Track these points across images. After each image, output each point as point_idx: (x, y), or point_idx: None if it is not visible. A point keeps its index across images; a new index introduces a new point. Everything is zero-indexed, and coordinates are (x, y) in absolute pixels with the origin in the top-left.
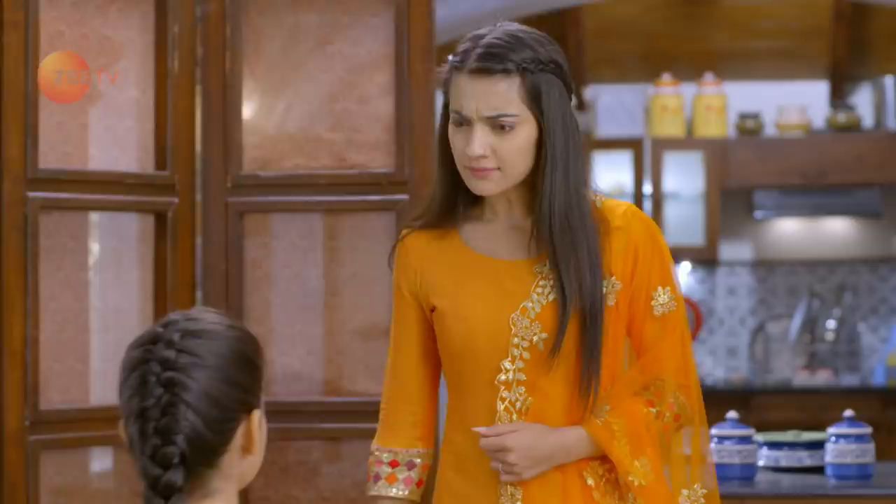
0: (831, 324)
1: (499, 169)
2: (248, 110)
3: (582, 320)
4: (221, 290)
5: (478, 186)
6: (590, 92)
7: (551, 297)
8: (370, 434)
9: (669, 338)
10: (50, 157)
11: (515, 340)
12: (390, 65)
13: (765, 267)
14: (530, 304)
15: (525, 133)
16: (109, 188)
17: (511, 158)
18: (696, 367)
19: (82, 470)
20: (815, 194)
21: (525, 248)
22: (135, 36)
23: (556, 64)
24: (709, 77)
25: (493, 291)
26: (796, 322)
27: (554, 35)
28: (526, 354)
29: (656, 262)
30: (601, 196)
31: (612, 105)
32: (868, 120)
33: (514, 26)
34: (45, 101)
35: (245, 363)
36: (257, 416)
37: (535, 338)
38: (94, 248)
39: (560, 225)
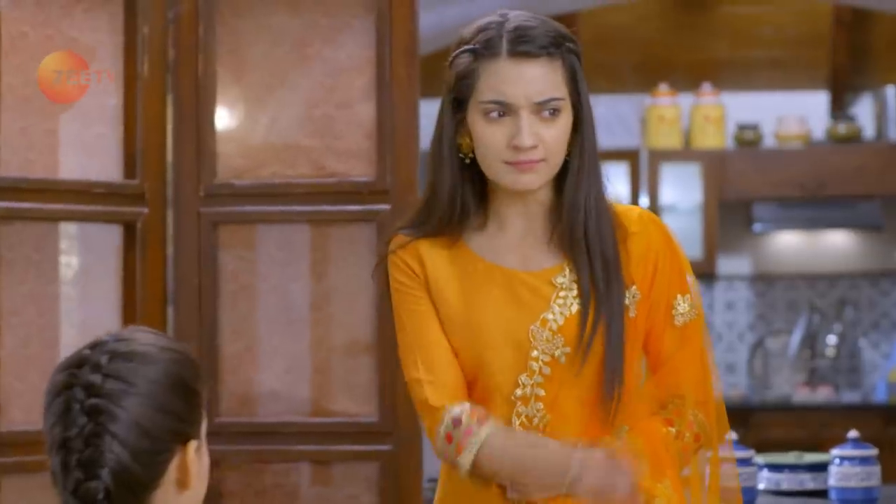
0: (832, 339)
1: (544, 160)
2: (221, 116)
3: (605, 333)
4: (194, 305)
5: (522, 181)
6: None
7: (574, 309)
8: (353, 456)
9: (688, 348)
10: (12, 165)
11: (535, 353)
12: (372, 68)
13: (764, 281)
14: (551, 316)
15: (566, 119)
16: (76, 198)
17: (557, 147)
18: (717, 380)
19: (48, 495)
20: (814, 207)
21: (540, 258)
22: (103, 38)
23: (577, 45)
24: (706, 87)
25: (510, 303)
26: (796, 337)
27: None
28: (546, 369)
29: (675, 269)
30: (609, 200)
31: (607, 116)
32: (869, 130)
33: (522, 11)
34: (7, 105)
35: (181, 389)
36: (194, 446)
37: (556, 352)
38: (61, 260)
39: (585, 228)
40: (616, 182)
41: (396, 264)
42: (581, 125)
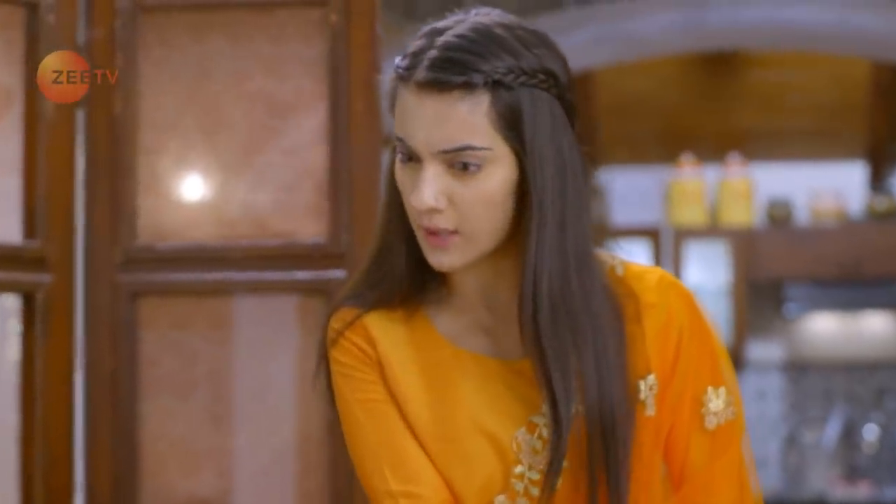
0: (871, 430)
1: (457, 233)
2: (143, 164)
3: (599, 446)
4: (107, 394)
5: (433, 258)
6: (603, 176)
7: (579, 408)
8: None
9: (722, 459)
10: None
11: (519, 469)
12: (324, 105)
13: (797, 368)
14: (542, 420)
15: (499, 175)
16: None
17: (476, 213)
18: (755, 481)
19: None
20: (852, 287)
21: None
22: None
23: (549, 74)
24: (734, 158)
25: (489, 402)
26: (832, 429)
27: None
28: (534, 490)
29: (705, 352)
30: (620, 260)
31: (627, 190)
32: None
33: (493, 17)
34: None
35: None
36: None
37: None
38: None
39: (552, 311)
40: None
41: (342, 346)
42: (533, 182)
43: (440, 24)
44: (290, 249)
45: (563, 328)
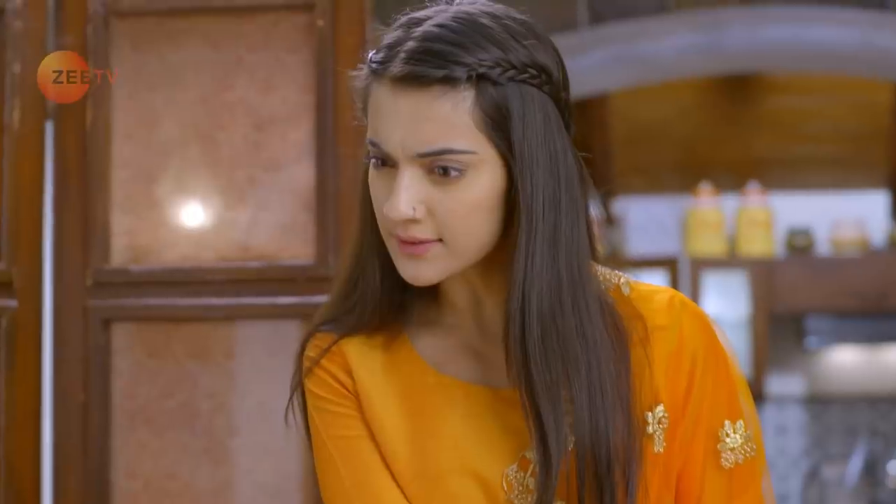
0: (895, 466)
1: (440, 241)
2: (116, 180)
3: (592, 485)
4: (78, 428)
5: (408, 270)
6: (619, 205)
7: (570, 443)
8: None
9: (741, 500)
10: None
11: None
12: (310, 117)
13: (819, 402)
14: (535, 456)
15: (484, 182)
16: None
17: (457, 224)
18: None
19: None
20: (874, 319)
21: None
22: None
23: (541, 69)
24: (753, 187)
25: (476, 435)
26: (855, 465)
27: (575, 143)
28: None
29: (721, 381)
30: (626, 279)
31: (643, 220)
32: None
33: (478, 5)
34: None
35: None
36: None
37: None
38: None
39: (541, 332)
40: None
41: (318, 377)
42: (522, 189)
43: (419, 13)
44: (273, 272)
45: (554, 352)
